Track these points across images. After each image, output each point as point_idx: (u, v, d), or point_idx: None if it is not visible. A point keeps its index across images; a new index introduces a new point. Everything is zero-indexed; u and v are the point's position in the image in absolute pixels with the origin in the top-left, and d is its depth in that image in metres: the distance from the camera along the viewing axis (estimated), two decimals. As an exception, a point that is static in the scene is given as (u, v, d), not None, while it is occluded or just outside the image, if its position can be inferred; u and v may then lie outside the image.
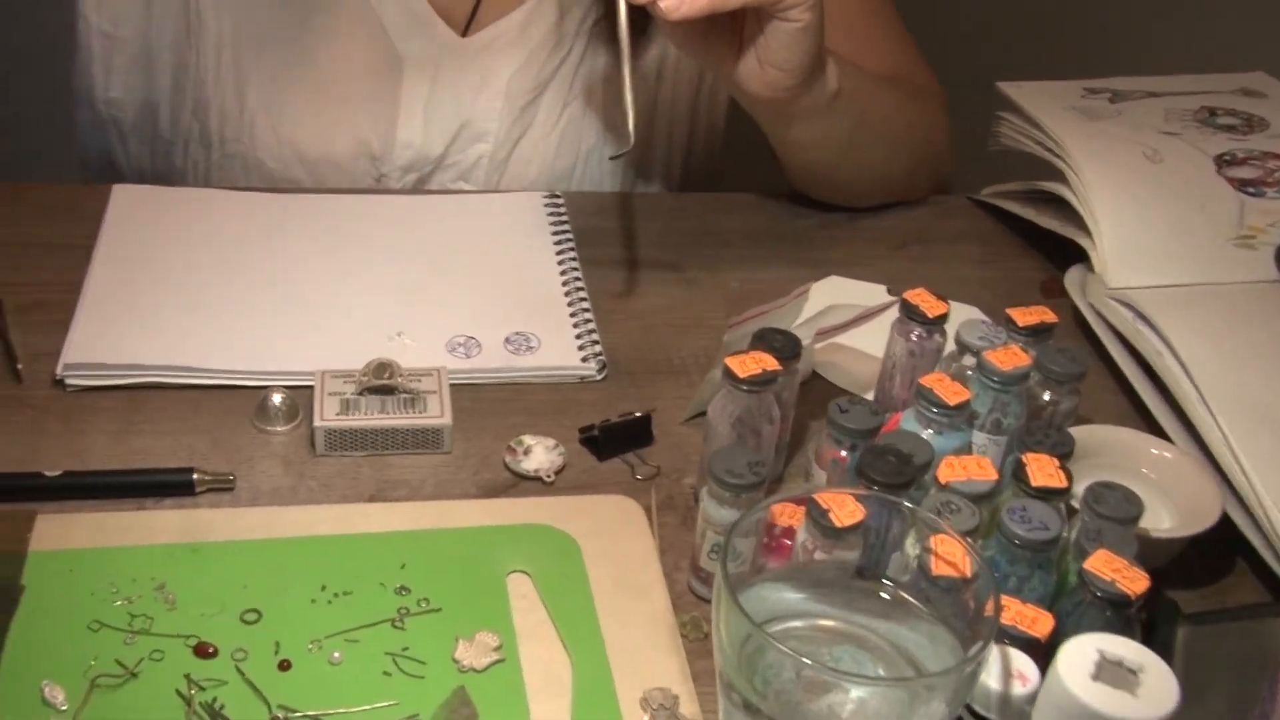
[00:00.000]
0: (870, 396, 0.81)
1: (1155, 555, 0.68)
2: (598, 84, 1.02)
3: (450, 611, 0.67)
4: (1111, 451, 0.76)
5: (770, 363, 0.71)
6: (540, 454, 0.78)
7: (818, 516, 0.61)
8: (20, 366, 0.80)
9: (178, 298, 0.86)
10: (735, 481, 0.67)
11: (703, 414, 0.81)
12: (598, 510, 0.74)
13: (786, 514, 0.64)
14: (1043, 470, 0.66)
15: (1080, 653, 0.51)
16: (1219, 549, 0.74)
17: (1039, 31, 1.74)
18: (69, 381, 0.79)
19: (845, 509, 0.62)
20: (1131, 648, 0.51)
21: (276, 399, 0.78)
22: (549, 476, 0.77)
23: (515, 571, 0.69)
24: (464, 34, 0.99)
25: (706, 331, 0.89)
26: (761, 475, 0.67)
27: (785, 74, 0.85)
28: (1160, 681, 0.50)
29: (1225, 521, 0.72)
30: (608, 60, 1.01)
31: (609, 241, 0.98)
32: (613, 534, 0.72)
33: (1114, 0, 1.65)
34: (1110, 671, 0.50)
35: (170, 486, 0.73)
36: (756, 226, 1.03)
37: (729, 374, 0.71)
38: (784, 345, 0.74)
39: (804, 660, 0.53)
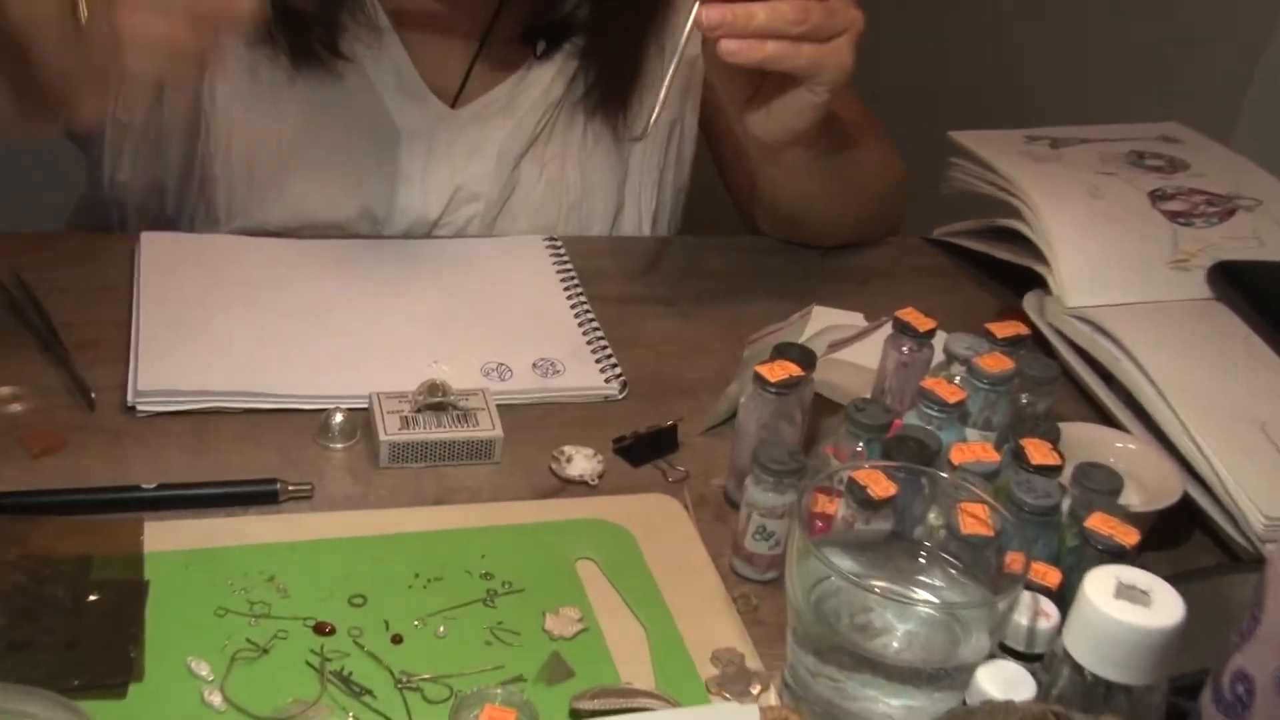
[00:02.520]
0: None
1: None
2: (574, 148, 1.11)
3: (532, 592, 0.75)
4: (1081, 445, 0.87)
5: (795, 370, 0.82)
6: (581, 461, 0.87)
7: (857, 492, 0.71)
8: (94, 395, 0.86)
9: (229, 331, 0.93)
10: (779, 468, 0.76)
11: (720, 424, 0.92)
12: (643, 507, 0.83)
13: (821, 503, 0.74)
14: (1039, 451, 0.77)
15: (1103, 580, 0.61)
16: (1179, 523, 0.86)
17: (974, 87, 1.91)
18: (140, 408, 0.86)
19: (880, 484, 0.72)
20: (1141, 575, 0.61)
21: (339, 418, 0.86)
22: (593, 480, 0.85)
23: (582, 559, 0.78)
24: (453, 105, 1.08)
25: (707, 356, 0.99)
26: (801, 462, 0.77)
27: (786, 133, 0.95)
28: (1168, 600, 0.61)
29: (1184, 499, 0.84)
30: (585, 127, 1.11)
31: (603, 280, 1.07)
32: (659, 526, 0.82)
33: (1042, 58, 1.82)
34: (1127, 593, 0.61)
35: (257, 496, 0.80)
36: (734, 264, 1.13)
37: (760, 380, 0.81)
38: (801, 356, 0.84)
39: (876, 588, 0.63)
